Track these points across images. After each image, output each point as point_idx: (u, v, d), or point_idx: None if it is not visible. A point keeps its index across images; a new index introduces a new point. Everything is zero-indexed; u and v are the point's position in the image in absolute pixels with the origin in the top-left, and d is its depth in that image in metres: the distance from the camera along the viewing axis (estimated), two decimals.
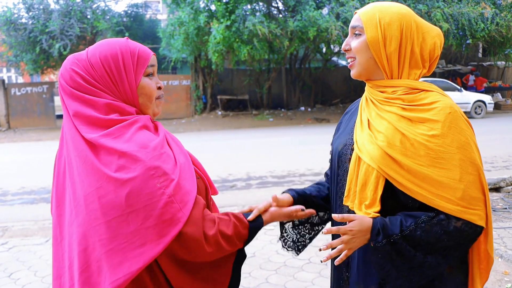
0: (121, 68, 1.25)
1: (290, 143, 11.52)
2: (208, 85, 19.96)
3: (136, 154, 1.15)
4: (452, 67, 21.38)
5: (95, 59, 1.24)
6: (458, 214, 1.24)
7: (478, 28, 17.04)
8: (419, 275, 1.28)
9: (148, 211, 1.12)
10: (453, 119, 1.28)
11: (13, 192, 7.26)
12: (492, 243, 1.34)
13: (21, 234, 5.01)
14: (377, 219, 1.29)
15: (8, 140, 15.76)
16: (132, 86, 1.27)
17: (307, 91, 21.08)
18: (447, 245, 1.26)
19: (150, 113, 1.34)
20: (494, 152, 8.95)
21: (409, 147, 1.27)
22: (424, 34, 1.35)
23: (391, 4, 1.38)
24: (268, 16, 16.88)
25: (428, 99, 1.32)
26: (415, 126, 1.29)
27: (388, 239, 1.26)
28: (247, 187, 6.98)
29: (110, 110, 1.23)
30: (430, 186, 1.25)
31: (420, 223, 1.26)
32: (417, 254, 1.26)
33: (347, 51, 1.41)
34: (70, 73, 1.24)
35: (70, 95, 1.23)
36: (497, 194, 5.52)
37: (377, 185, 1.29)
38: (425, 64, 1.37)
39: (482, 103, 17.25)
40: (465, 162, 1.26)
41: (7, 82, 21.27)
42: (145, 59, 1.30)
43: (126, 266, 1.12)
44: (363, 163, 1.32)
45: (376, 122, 1.35)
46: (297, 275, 3.64)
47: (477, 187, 1.26)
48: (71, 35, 18.12)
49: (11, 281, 3.78)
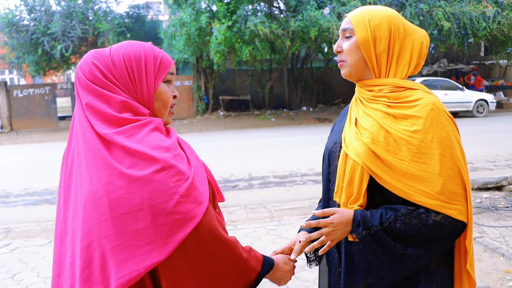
0: (142, 70, 1.25)
1: (292, 143, 11.52)
2: (210, 85, 19.98)
3: (150, 153, 1.14)
4: (454, 66, 21.35)
5: (117, 56, 1.24)
6: (437, 208, 1.27)
7: (480, 27, 17.00)
8: (401, 266, 1.32)
9: (159, 210, 1.10)
10: (435, 115, 1.32)
11: (16, 193, 7.28)
12: (471, 239, 1.37)
13: (24, 236, 5.03)
14: (358, 211, 1.33)
15: (10, 142, 15.81)
16: (150, 89, 1.27)
17: (309, 91, 21.08)
18: (427, 239, 1.30)
19: (163, 121, 1.33)
20: (496, 151, 8.94)
21: (392, 143, 1.31)
22: (410, 36, 1.41)
23: (379, 7, 1.44)
24: (269, 16, 16.90)
25: (413, 96, 1.36)
26: (399, 122, 1.33)
27: (368, 230, 1.30)
28: (249, 187, 6.98)
29: (124, 108, 1.22)
30: (410, 181, 1.29)
31: (400, 215, 1.30)
32: (397, 246, 1.30)
33: (339, 52, 1.47)
34: (90, 67, 1.23)
35: (86, 88, 1.22)
36: (499, 193, 5.51)
37: (361, 180, 1.34)
38: (412, 63, 1.43)
39: (484, 102, 17.23)
40: (445, 157, 1.29)
41: (10, 84, 21.35)
42: (167, 65, 1.31)
43: (132, 263, 1.09)
44: (350, 159, 1.37)
45: (362, 119, 1.40)
46: (299, 274, 3.64)
47: (457, 182, 1.29)
48: (73, 36, 18.15)
49: (14, 282, 3.79)
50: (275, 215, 5.28)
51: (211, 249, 1.18)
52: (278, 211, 5.41)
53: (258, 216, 5.33)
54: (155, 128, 1.23)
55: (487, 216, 4.73)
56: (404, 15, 16.45)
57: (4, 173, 9.35)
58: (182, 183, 1.14)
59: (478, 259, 3.71)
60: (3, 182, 8.23)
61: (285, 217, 5.22)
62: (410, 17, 16.36)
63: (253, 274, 1.30)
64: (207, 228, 1.17)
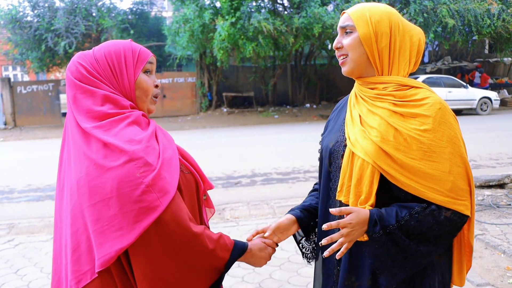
0: (122, 63, 1.37)
1: (295, 140, 11.52)
2: (213, 82, 19.98)
3: (122, 145, 1.24)
4: (458, 63, 21.27)
5: (100, 54, 1.37)
6: (448, 205, 1.31)
7: (484, 24, 16.93)
8: (412, 263, 1.33)
9: (126, 198, 1.19)
10: (443, 114, 1.34)
11: (19, 189, 7.32)
12: (473, 232, 1.42)
13: (27, 231, 5.06)
14: (373, 211, 1.32)
15: (14, 138, 15.87)
16: (130, 79, 1.38)
17: (313, 88, 21.06)
18: (437, 234, 1.33)
19: (145, 108, 1.44)
20: (500, 149, 8.92)
21: (402, 142, 1.32)
22: (408, 33, 1.42)
23: (378, 4, 1.46)
24: (273, 12, 16.87)
25: (419, 95, 1.37)
26: (407, 121, 1.34)
27: (384, 229, 1.30)
28: (251, 183, 6.99)
29: (106, 100, 1.33)
30: (421, 179, 1.31)
31: (414, 213, 1.31)
32: (411, 244, 1.31)
33: (338, 49, 1.46)
34: (76, 66, 1.36)
35: (73, 85, 1.35)
36: (501, 191, 5.50)
37: (372, 179, 1.33)
38: (412, 60, 1.44)
39: (488, 100, 17.16)
40: (454, 156, 1.32)
41: (13, 80, 21.39)
42: (145, 56, 1.42)
43: (107, 246, 1.19)
44: (358, 158, 1.36)
45: (368, 118, 1.39)
46: (300, 270, 3.66)
47: (464, 179, 1.33)
48: (76, 33, 18.19)
49: (17, 277, 3.82)
50: (278, 212, 5.29)
51: (175, 238, 1.24)
52: (280, 207, 5.41)
53: (261, 212, 5.34)
54: (133, 121, 1.33)
55: (489, 214, 4.73)
56: (409, 12, 16.42)
57: (8, 169, 9.39)
58: (148, 174, 1.22)
59: (479, 256, 3.72)
60: (6, 178, 8.28)
61: None
62: (414, 14, 16.31)
63: (221, 262, 1.35)
64: (172, 217, 1.23)
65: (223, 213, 5.37)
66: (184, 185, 1.38)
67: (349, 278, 1.42)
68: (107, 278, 1.24)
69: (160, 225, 1.21)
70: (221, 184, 7.03)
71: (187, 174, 1.42)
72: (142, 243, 1.21)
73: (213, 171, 7.90)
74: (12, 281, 3.74)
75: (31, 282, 3.70)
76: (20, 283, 3.69)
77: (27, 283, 3.69)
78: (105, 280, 1.24)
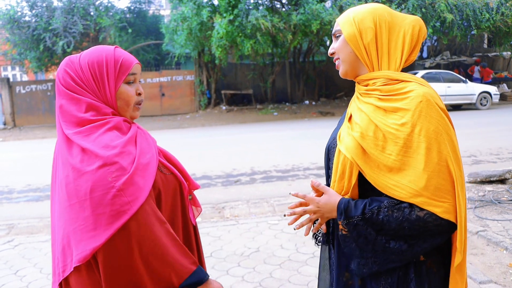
0: (104, 74, 1.42)
1: (295, 137, 11.50)
2: (212, 80, 19.95)
3: (97, 151, 1.31)
4: (456, 58, 21.23)
5: (84, 63, 1.42)
6: (421, 204, 1.24)
7: (483, 18, 16.89)
8: (384, 258, 1.31)
9: (98, 201, 1.26)
10: (423, 107, 1.28)
11: (19, 189, 7.30)
12: (464, 242, 1.29)
13: (26, 232, 5.05)
14: (343, 200, 1.36)
15: (13, 138, 15.85)
16: (111, 91, 1.43)
17: (311, 85, 21.04)
18: (411, 234, 1.27)
19: (128, 116, 1.49)
20: (500, 144, 8.90)
21: (380, 138, 1.30)
22: (400, 23, 1.40)
23: (365, 5, 1.45)
24: (271, 10, 16.82)
25: (406, 89, 1.33)
26: (389, 116, 1.32)
27: (349, 220, 1.33)
28: (251, 181, 6.98)
29: (89, 108, 1.40)
30: (395, 176, 1.27)
31: (383, 207, 1.29)
32: (378, 238, 1.30)
33: (332, 55, 1.49)
34: (63, 73, 1.42)
35: (60, 92, 1.42)
36: (502, 186, 5.48)
37: (351, 174, 1.35)
38: (405, 51, 1.39)
39: (488, 95, 17.13)
40: (431, 151, 1.25)
41: (12, 80, 21.34)
42: (127, 67, 1.45)
43: (83, 244, 1.27)
44: (341, 154, 1.38)
45: (356, 114, 1.40)
46: (301, 269, 3.64)
47: (444, 178, 1.25)
48: (74, 32, 18.14)
49: (17, 278, 3.80)
50: (277, 210, 5.27)
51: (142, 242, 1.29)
52: (280, 205, 5.40)
53: (260, 210, 5.33)
54: (112, 127, 1.39)
55: (490, 210, 4.71)
56: (407, 8, 16.37)
57: (7, 169, 9.37)
58: (120, 178, 1.28)
59: (481, 253, 3.70)
60: (6, 178, 8.26)
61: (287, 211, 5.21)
62: (412, 9, 16.27)
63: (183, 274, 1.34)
64: (141, 222, 1.29)
65: (223, 211, 5.35)
66: (165, 186, 1.43)
67: (344, 274, 1.44)
68: (88, 269, 1.31)
69: (127, 228, 1.26)
70: (220, 182, 7.01)
71: (169, 175, 1.48)
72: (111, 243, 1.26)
73: (212, 169, 7.89)
74: (12, 282, 3.72)
75: (30, 283, 3.68)
76: (20, 284, 3.67)
77: (27, 284, 3.68)
78: (86, 271, 1.31)
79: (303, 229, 1.99)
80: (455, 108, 17.06)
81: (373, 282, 1.36)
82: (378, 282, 1.35)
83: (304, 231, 1.53)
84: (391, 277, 1.34)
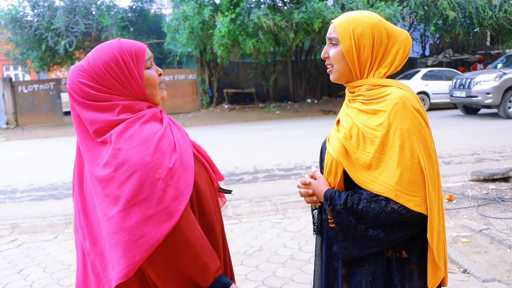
0: (125, 70, 1.35)
1: (297, 136, 11.49)
2: (214, 79, 19.94)
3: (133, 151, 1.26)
4: (459, 56, 21.17)
5: (98, 67, 1.33)
6: (395, 198, 1.36)
7: (485, 16, 16.85)
8: (363, 244, 1.44)
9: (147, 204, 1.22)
10: (399, 108, 1.39)
11: (22, 189, 7.31)
12: (435, 234, 1.40)
13: (30, 231, 5.05)
14: (330, 190, 1.51)
15: (16, 138, 15.87)
16: (138, 82, 1.38)
17: (314, 83, 21.01)
18: (387, 224, 1.40)
19: (159, 99, 1.46)
20: (503, 142, 8.87)
21: (361, 138, 1.43)
22: (393, 40, 1.50)
23: (363, 13, 1.52)
24: (273, 8, 16.80)
25: (385, 92, 1.45)
26: (370, 118, 1.44)
27: (333, 207, 1.47)
28: (254, 180, 6.97)
29: (122, 110, 1.34)
30: (373, 173, 1.40)
31: (363, 199, 1.42)
32: (358, 226, 1.43)
33: (326, 58, 1.58)
34: (79, 86, 1.33)
35: (84, 105, 1.33)
36: (505, 184, 5.46)
37: (336, 172, 1.50)
38: (394, 65, 1.51)
39: None
40: (404, 149, 1.36)
41: (14, 80, 21.39)
42: (142, 54, 1.40)
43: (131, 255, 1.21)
44: (329, 153, 1.53)
45: (342, 118, 1.55)
46: (304, 268, 3.64)
47: (416, 174, 1.36)
48: (76, 31, 18.16)
49: (20, 277, 3.81)
50: (280, 208, 5.27)
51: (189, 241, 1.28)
52: (283, 204, 5.40)
53: (263, 209, 5.32)
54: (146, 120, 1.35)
55: (494, 208, 4.69)
56: (409, 5, 16.35)
57: (10, 168, 9.39)
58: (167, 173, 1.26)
59: (484, 251, 3.69)
60: (9, 177, 8.27)
61: (290, 210, 5.21)
62: (414, 7, 16.25)
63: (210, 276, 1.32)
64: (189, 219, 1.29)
65: (226, 210, 5.35)
66: (201, 179, 1.43)
67: (332, 264, 1.59)
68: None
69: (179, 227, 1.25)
70: (223, 181, 6.99)
71: (200, 167, 1.47)
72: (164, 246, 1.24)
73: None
74: (16, 282, 3.73)
75: (34, 282, 3.69)
76: (24, 283, 3.68)
77: (31, 283, 3.68)
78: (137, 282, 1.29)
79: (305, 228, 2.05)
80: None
81: (357, 270, 1.50)
82: (361, 270, 1.49)
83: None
84: (373, 266, 1.47)
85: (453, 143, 8.93)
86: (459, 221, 4.37)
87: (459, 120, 12.49)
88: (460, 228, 4.20)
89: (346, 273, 1.52)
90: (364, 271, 1.48)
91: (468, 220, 4.39)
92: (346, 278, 1.53)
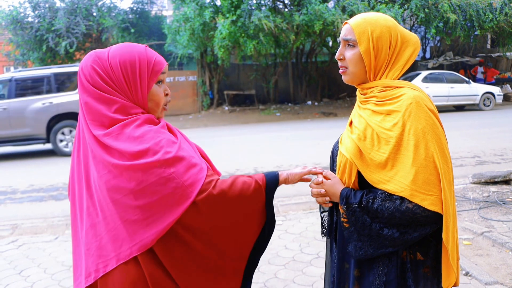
0: (137, 75, 1.38)
1: (298, 138, 11.48)
2: (214, 80, 19.94)
3: (130, 148, 1.30)
4: (460, 59, 21.18)
5: (114, 61, 1.37)
6: (409, 197, 1.36)
7: (486, 18, 16.86)
8: (378, 243, 1.45)
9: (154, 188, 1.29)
10: (413, 108, 1.40)
11: (22, 190, 7.30)
12: (449, 230, 1.39)
13: (30, 232, 5.05)
14: (345, 189, 1.52)
15: None
16: (143, 92, 1.40)
17: (314, 85, 21.01)
18: (402, 223, 1.40)
19: (157, 116, 1.48)
20: (504, 145, 8.86)
21: (375, 139, 1.44)
22: (406, 43, 1.52)
23: (378, 15, 1.53)
24: (273, 10, 16.82)
25: (399, 93, 1.46)
26: (384, 119, 1.45)
27: (348, 206, 1.48)
28: None
29: (119, 108, 1.37)
30: (388, 172, 1.40)
31: (378, 198, 1.42)
32: (373, 225, 1.44)
33: (340, 60, 1.57)
34: (90, 70, 1.37)
35: (86, 89, 1.37)
36: (507, 187, 5.46)
37: (350, 172, 1.50)
38: (405, 67, 1.54)
39: (491, 95, 17.05)
40: (418, 148, 1.37)
41: None
42: (160, 68, 1.42)
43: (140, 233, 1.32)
44: (342, 154, 1.54)
45: (355, 119, 1.55)
46: (305, 270, 3.63)
47: (431, 173, 1.36)
48: (77, 32, 18.18)
49: (21, 278, 3.80)
50: (281, 210, 5.26)
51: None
52: (284, 206, 5.39)
53: None
54: (141, 123, 1.37)
55: (495, 210, 4.68)
56: (410, 8, 16.35)
57: (11, 169, 9.38)
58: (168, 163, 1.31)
59: (486, 254, 3.68)
60: (9, 178, 8.26)
61: (291, 212, 5.20)
62: (415, 10, 16.25)
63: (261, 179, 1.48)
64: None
65: None
66: None
67: (344, 265, 1.59)
68: (136, 263, 1.31)
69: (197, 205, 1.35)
70: None
71: None
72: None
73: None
74: (16, 282, 3.72)
75: (35, 283, 3.68)
76: (24, 284, 3.68)
77: (31, 284, 3.67)
78: (133, 265, 1.32)
79: (306, 230, 2.04)
80: (459, 108, 17.01)
81: (370, 272, 1.49)
82: (375, 271, 1.48)
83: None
84: (387, 268, 1.47)
85: (454, 145, 8.92)
86: (461, 223, 4.36)
87: (459, 123, 12.48)
88: (462, 231, 4.19)
89: (359, 274, 1.52)
90: (378, 272, 1.47)
91: (469, 222, 4.38)
92: (358, 279, 1.52)
